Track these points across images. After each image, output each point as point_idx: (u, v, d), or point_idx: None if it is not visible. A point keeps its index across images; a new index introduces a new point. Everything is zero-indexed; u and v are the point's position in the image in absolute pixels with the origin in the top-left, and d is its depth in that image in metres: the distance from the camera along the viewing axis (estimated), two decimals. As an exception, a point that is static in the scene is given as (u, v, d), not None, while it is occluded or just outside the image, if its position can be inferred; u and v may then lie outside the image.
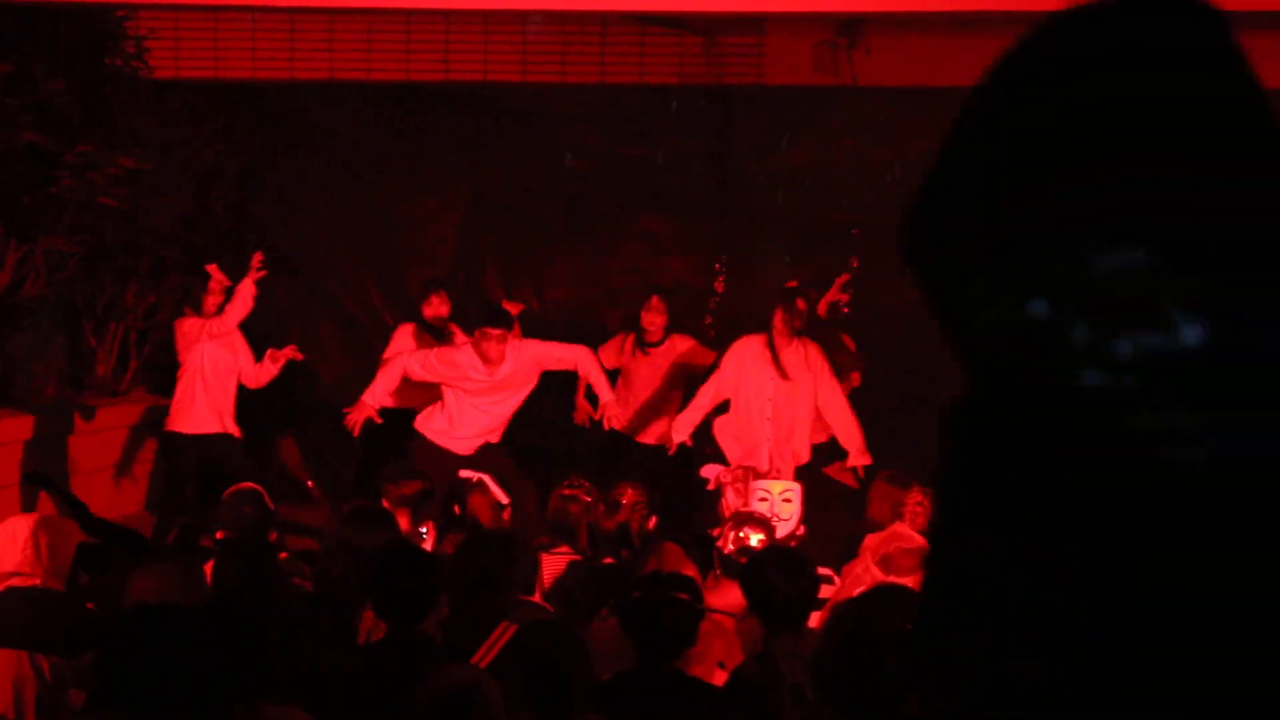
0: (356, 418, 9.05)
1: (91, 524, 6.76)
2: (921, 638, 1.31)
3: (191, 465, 9.72)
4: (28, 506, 9.03)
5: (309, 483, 11.16)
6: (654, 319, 10.15)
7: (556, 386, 10.19)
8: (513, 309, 9.99)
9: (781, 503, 8.12)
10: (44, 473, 8.32)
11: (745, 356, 9.13)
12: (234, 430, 9.84)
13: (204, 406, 9.75)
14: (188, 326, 9.81)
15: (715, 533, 6.99)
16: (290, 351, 9.93)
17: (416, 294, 10.38)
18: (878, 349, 10.28)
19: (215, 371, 9.81)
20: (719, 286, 12.26)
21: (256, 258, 9.72)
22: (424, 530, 7.23)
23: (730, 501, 8.42)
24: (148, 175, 11.05)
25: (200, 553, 6.46)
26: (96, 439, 10.70)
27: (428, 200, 12.78)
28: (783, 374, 9.00)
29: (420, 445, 9.27)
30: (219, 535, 6.86)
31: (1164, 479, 1.18)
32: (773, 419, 9.06)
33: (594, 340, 10.66)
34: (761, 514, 7.67)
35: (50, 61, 10.35)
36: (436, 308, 10.15)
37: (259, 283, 9.67)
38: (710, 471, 8.57)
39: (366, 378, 9.52)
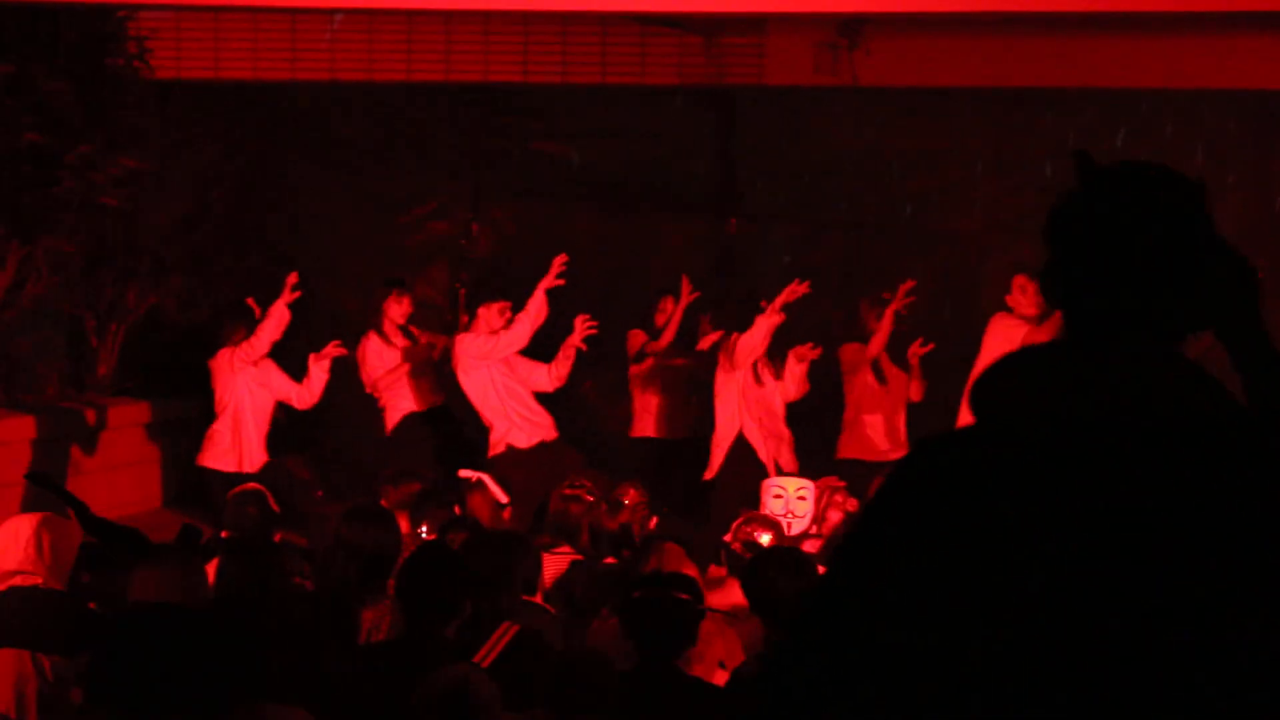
0: None
1: (92, 524, 6.75)
2: None
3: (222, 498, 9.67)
4: (28, 507, 9.02)
5: (318, 492, 11.12)
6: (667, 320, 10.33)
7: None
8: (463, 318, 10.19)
9: (796, 500, 8.13)
10: (44, 472, 8.30)
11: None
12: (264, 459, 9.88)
13: (243, 447, 9.78)
14: (221, 361, 9.81)
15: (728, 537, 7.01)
16: (333, 349, 9.82)
17: (379, 294, 10.26)
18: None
19: (254, 410, 9.80)
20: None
21: (291, 278, 9.60)
22: (423, 531, 7.24)
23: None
24: (149, 176, 11.05)
25: (203, 552, 6.47)
26: (97, 439, 10.70)
27: (428, 201, 12.78)
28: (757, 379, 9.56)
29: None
30: (223, 535, 6.86)
31: None
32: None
33: (593, 338, 10.67)
34: (773, 514, 7.69)
35: (51, 62, 10.35)
36: (406, 306, 10.10)
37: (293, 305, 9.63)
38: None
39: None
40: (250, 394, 9.80)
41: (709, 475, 9.65)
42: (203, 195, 11.96)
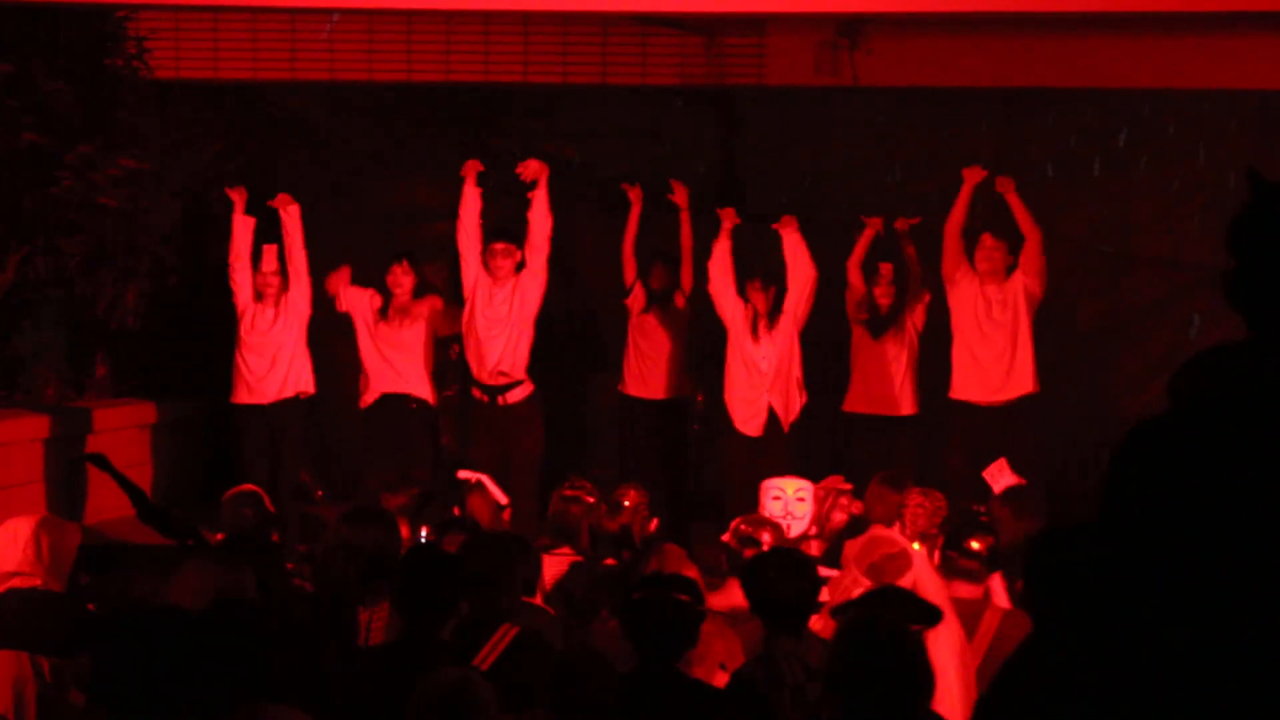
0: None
1: (149, 513, 6.76)
2: None
3: (261, 440, 10.04)
4: (28, 508, 8.99)
5: (318, 492, 11.16)
6: (661, 279, 10.50)
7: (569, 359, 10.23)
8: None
9: (795, 501, 8.13)
10: (101, 455, 8.18)
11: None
12: (300, 389, 10.15)
13: (257, 379, 10.08)
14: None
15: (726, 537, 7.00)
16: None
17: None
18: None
19: (260, 348, 10.10)
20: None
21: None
22: (423, 535, 7.23)
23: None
24: (148, 176, 11.05)
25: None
26: (98, 440, 10.69)
27: (429, 202, 12.76)
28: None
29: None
30: (219, 536, 6.86)
31: None
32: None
33: (592, 340, 10.67)
34: (772, 516, 7.67)
35: (51, 62, 10.35)
36: (399, 277, 10.24)
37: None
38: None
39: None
40: (260, 324, 10.15)
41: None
42: (202, 195, 11.95)
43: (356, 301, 10.26)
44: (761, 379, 9.92)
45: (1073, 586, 3.35)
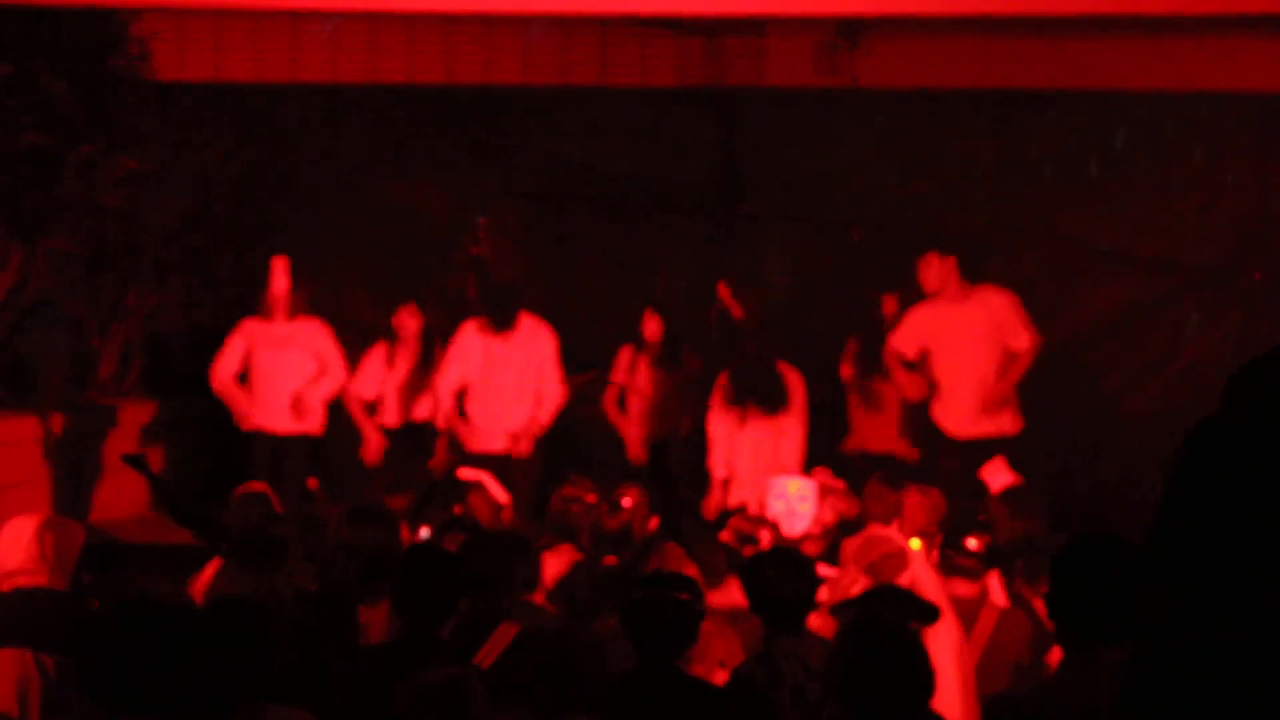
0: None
1: (183, 516, 6.77)
2: None
3: (263, 462, 9.93)
4: (26, 508, 9.01)
5: (312, 484, 11.18)
6: (653, 331, 10.32)
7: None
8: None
9: (798, 501, 8.14)
10: (139, 454, 8.19)
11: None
12: (305, 428, 10.02)
13: (266, 405, 9.97)
14: (249, 328, 10.05)
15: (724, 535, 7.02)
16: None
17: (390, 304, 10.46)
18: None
19: (271, 370, 9.97)
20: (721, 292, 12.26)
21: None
22: (423, 534, 7.24)
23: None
24: (150, 176, 11.06)
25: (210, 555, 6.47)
26: (99, 440, 10.72)
27: (429, 202, 12.79)
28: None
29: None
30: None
31: None
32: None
33: (595, 338, 10.69)
34: (774, 516, 7.69)
35: (53, 62, 10.36)
36: (404, 319, 10.19)
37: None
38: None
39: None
40: (266, 360, 10.01)
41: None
42: (203, 195, 11.97)
43: (380, 382, 10.28)
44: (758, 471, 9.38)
45: (1116, 594, 3.37)
